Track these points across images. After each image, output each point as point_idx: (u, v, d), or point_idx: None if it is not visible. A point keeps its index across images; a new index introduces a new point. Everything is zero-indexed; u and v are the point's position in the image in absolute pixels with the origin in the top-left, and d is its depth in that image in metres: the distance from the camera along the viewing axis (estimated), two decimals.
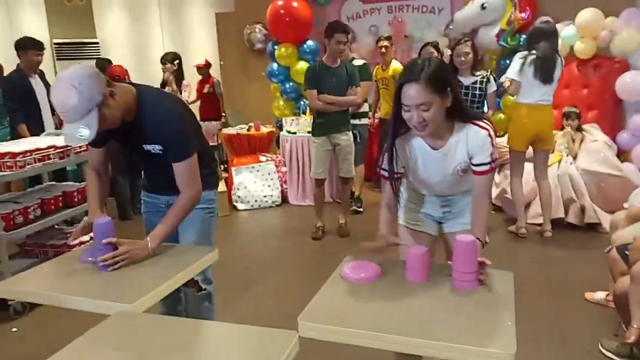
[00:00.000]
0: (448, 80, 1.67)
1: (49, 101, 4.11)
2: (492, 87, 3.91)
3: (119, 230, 1.85)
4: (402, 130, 1.76)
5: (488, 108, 4.00)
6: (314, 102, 4.09)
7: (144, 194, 2.21)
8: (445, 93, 1.64)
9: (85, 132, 1.65)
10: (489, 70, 3.91)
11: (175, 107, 1.94)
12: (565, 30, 5.19)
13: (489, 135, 1.71)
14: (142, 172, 2.22)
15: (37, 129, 4.24)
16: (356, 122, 4.61)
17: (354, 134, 4.34)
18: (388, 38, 5.27)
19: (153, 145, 1.91)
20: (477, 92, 3.87)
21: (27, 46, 4.31)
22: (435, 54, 4.24)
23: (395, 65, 5.19)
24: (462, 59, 3.82)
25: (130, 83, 1.94)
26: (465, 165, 1.77)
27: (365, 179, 5.29)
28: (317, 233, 4.34)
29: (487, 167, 1.74)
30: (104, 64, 5.47)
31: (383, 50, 5.20)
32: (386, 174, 1.81)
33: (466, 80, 3.88)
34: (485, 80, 3.88)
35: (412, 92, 1.60)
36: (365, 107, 4.80)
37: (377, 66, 5.37)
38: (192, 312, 2.26)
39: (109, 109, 1.73)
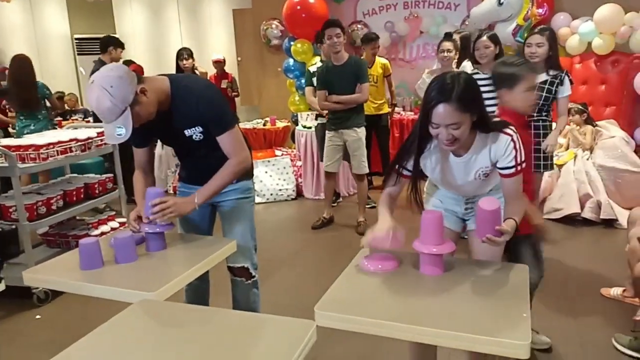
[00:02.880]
0: (477, 97, 1.66)
1: None
2: (566, 90, 3.27)
3: None
4: (429, 145, 1.76)
5: (559, 115, 3.35)
6: (322, 103, 4.17)
7: (181, 185, 2.26)
8: (474, 110, 1.63)
9: (122, 131, 1.73)
10: (565, 71, 3.31)
11: (209, 85, 2.03)
12: (584, 27, 5.13)
13: (512, 140, 1.70)
14: (181, 164, 2.27)
15: None
16: None
17: None
18: (377, 38, 5.29)
19: (194, 129, 1.96)
20: (544, 93, 3.25)
21: (119, 44, 4.93)
22: (492, 47, 3.45)
23: (383, 61, 5.24)
24: (533, 50, 3.21)
25: (164, 74, 1.99)
26: (487, 170, 1.77)
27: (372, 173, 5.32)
28: (317, 223, 4.46)
29: (512, 170, 1.73)
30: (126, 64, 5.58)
31: (376, 50, 5.21)
32: (409, 173, 1.80)
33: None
34: (557, 81, 3.25)
35: (443, 113, 1.59)
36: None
37: None
38: (243, 301, 2.27)
39: (141, 105, 1.79)
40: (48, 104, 4.82)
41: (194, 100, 1.91)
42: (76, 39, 7.57)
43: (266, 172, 5.47)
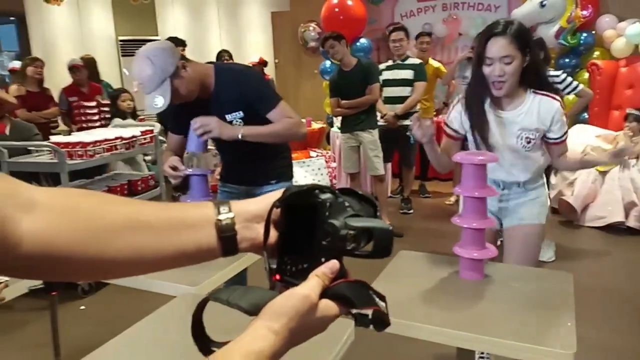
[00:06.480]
0: (530, 41, 1.78)
1: None
2: (566, 91, 3.27)
3: None
4: (484, 91, 1.83)
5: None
6: (334, 111, 4.30)
7: (221, 185, 2.29)
8: (526, 52, 1.74)
9: (159, 101, 1.78)
10: (561, 72, 3.37)
11: (250, 68, 2.11)
12: (631, 28, 4.97)
13: (562, 106, 1.80)
14: (221, 158, 2.29)
15: None
16: (408, 122, 4.38)
17: (407, 135, 4.33)
18: (430, 34, 5.12)
19: (235, 114, 1.98)
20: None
21: (183, 43, 5.02)
22: None
23: (436, 65, 5.00)
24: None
25: (210, 62, 2.05)
26: (531, 135, 1.81)
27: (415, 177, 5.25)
28: None
29: (563, 138, 1.85)
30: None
31: (425, 46, 4.91)
32: (451, 132, 1.94)
33: None
34: (557, 82, 3.21)
35: (498, 45, 1.72)
36: (416, 107, 4.65)
37: None
38: None
39: (181, 79, 1.84)
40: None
41: (238, 78, 1.95)
42: (120, 40, 7.79)
43: (301, 172, 5.51)
